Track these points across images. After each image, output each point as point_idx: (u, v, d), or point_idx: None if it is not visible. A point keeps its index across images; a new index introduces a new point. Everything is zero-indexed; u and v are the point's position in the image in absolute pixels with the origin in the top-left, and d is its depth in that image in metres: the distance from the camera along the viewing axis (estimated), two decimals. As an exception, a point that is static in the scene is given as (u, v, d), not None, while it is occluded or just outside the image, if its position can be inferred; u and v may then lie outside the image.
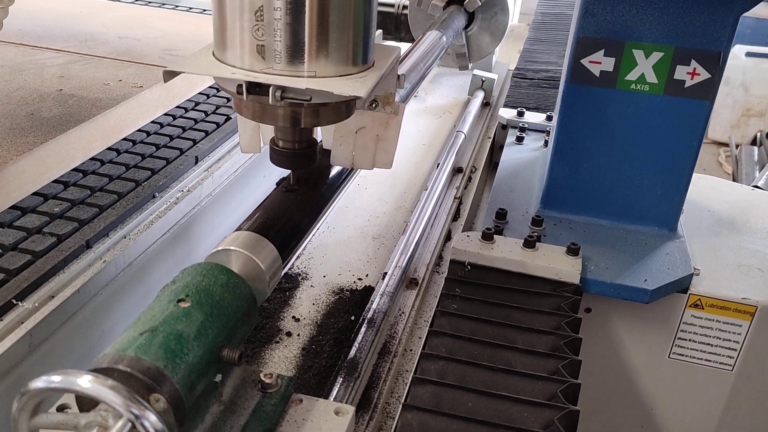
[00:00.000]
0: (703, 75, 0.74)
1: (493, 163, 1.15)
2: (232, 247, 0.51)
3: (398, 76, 0.60)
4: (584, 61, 0.76)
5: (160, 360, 0.40)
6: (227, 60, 0.49)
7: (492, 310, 0.70)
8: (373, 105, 0.60)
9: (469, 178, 1.07)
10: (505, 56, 1.54)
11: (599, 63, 0.76)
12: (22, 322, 0.56)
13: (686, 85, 0.75)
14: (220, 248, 0.52)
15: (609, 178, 0.82)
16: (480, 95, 1.29)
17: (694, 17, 0.72)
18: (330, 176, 0.68)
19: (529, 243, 0.76)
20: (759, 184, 1.73)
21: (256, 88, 0.47)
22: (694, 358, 0.82)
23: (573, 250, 0.75)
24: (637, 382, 0.85)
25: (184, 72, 0.48)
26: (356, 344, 0.66)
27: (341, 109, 0.53)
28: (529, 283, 0.74)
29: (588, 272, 0.75)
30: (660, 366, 0.83)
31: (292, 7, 0.45)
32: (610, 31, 0.74)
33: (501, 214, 0.84)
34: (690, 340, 0.81)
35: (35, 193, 0.70)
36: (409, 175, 1.09)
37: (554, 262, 0.74)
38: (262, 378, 0.49)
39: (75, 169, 0.75)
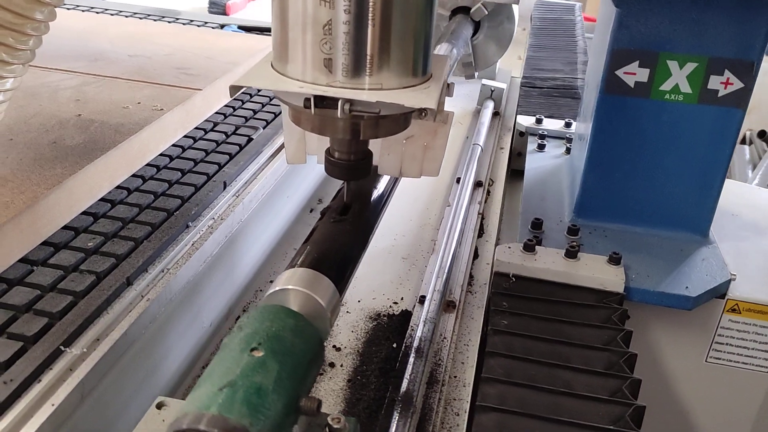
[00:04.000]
0: (737, 84, 0.74)
1: (510, 172, 1.15)
2: (289, 286, 0.49)
3: (447, 84, 0.59)
4: (619, 73, 0.76)
5: (244, 417, 0.38)
6: (290, 73, 0.48)
7: (543, 326, 0.70)
8: (423, 114, 0.59)
9: (488, 192, 1.06)
10: (505, 63, 1.54)
11: (634, 74, 0.76)
12: (72, 369, 0.53)
13: (720, 95, 0.75)
14: (277, 288, 0.50)
15: (643, 185, 0.82)
16: (490, 105, 1.28)
17: (728, 28, 0.72)
18: (372, 201, 0.66)
19: (571, 253, 0.76)
20: (754, 184, 1.77)
21: (323, 102, 0.47)
22: (731, 361, 0.83)
23: (615, 259, 0.76)
24: (674, 387, 0.86)
25: (251, 86, 0.48)
26: (407, 375, 0.64)
27: (400, 120, 0.53)
28: (574, 294, 0.74)
29: (630, 281, 0.76)
30: (697, 371, 0.84)
31: (358, 20, 0.45)
32: (644, 43, 0.74)
33: (537, 224, 0.84)
34: (727, 344, 0.82)
35: (66, 227, 0.66)
36: (429, 190, 1.07)
37: (598, 272, 0.75)
38: (330, 422, 0.47)
39: (102, 200, 0.71)
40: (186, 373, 0.71)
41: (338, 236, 0.58)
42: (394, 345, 0.73)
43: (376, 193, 0.67)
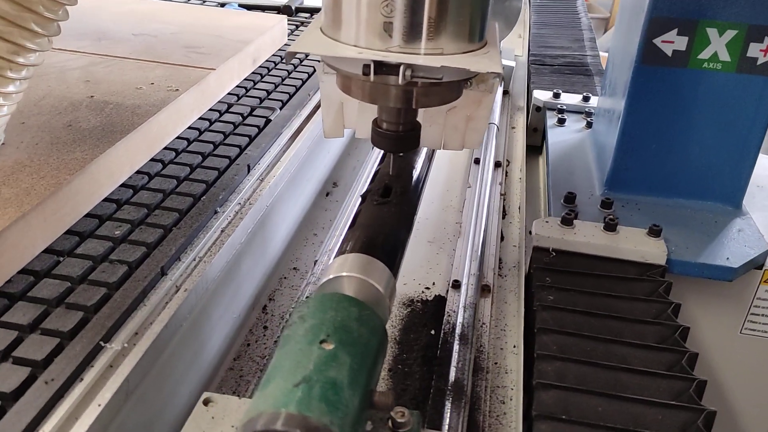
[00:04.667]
0: (776, 51, 0.73)
1: (527, 148, 1.12)
2: (344, 273, 0.46)
3: None
4: (657, 41, 0.74)
5: (324, 415, 0.35)
6: (344, 39, 0.46)
7: (590, 300, 0.68)
8: (468, 83, 0.57)
9: (506, 172, 1.04)
10: (507, 42, 1.51)
11: (672, 42, 0.74)
12: (113, 366, 0.49)
13: (758, 63, 0.74)
14: (331, 276, 0.47)
15: (678, 157, 0.81)
16: (500, 84, 1.25)
17: (768, -7, 0.71)
18: (412, 182, 0.64)
19: (610, 226, 0.75)
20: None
21: (382, 67, 0.44)
22: (766, 332, 0.82)
23: (655, 232, 0.74)
24: (708, 359, 0.85)
25: (309, 52, 0.46)
26: (454, 363, 0.62)
27: (453, 88, 0.50)
28: (616, 267, 0.73)
29: (671, 253, 0.74)
30: (731, 342, 0.84)
31: None
32: (684, 11, 0.72)
33: (570, 198, 0.82)
34: (763, 315, 0.82)
35: (89, 215, 0.61)
36: (446, 171, 1.04)
37: (639, 245, 0.73)
38: (393, 415, 0.44)
39: (124, 185, 0.67)
40: (219, 365, 0.67)
41: (385, 219, 0.56)
42: (432, 332, 0.71)
43: (415, 174, 0.65)
